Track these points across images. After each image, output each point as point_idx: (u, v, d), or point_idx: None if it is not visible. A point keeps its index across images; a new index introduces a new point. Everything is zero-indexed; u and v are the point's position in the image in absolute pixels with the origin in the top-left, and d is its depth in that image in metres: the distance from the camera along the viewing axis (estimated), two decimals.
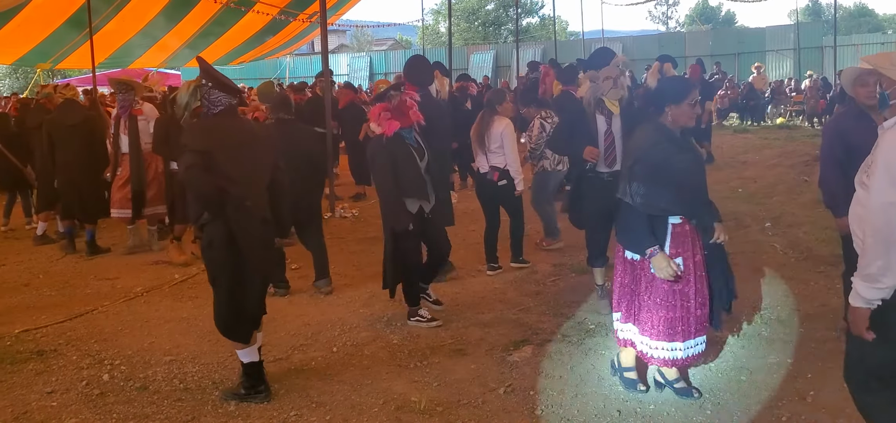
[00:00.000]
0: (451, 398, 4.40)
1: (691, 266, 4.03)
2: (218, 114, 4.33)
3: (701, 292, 4.06)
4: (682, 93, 4.04)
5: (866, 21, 51.28)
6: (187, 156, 4.17)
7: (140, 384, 4.75)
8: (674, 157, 3.93)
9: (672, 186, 3.92)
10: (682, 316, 4.03)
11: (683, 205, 3.99)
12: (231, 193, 4.19)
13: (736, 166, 13.51)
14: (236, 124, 4.44)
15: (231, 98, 4.37)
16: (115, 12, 17.75)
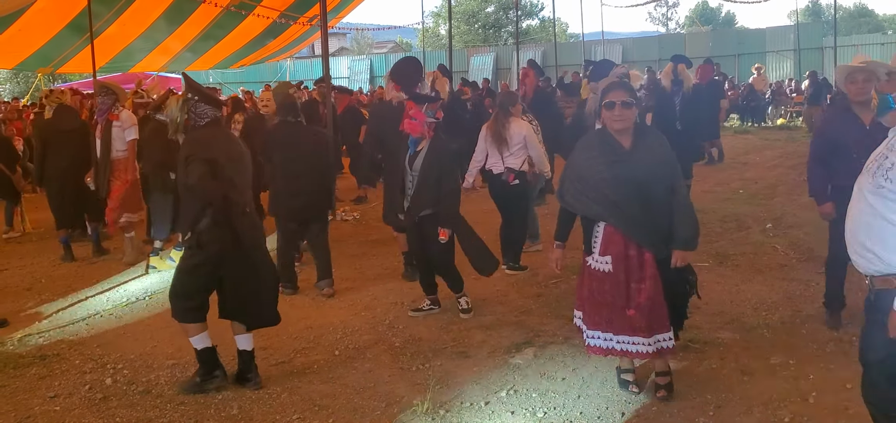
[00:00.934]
0: (454, 400, 4.40)
1: (622, 268, 4.03)
2: (206, 126, 4.51)
3: (637, 296, 4.03)
4: (601, 98, 4.14)
5: (866, 21, 51.28)
6: (196, 165, 4.30)
7: (143, 387, 4.76)
8: (594, 167, 4.03)
9: (588, 193, 4.04)
10: (608, 311, 4.09)
11: (600, 213, 4.05)
12: (235, 199, 4.39)
13: (737, 167, 13.51)
14: (226, 133, 4.67)
15: (216, 110, 4.57)
16: (116, 16, 17.75)
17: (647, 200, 3.98)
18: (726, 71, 24.47)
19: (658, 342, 4.09)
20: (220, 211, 4.35)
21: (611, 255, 4.03)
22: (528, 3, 47.78)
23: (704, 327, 5.36)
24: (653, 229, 4.01)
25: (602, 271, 4.08)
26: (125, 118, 7.96)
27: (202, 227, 4.37)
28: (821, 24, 34.80)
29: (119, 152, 7.92)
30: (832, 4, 26.38)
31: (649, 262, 4.02)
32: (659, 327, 4.08)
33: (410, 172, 5.72)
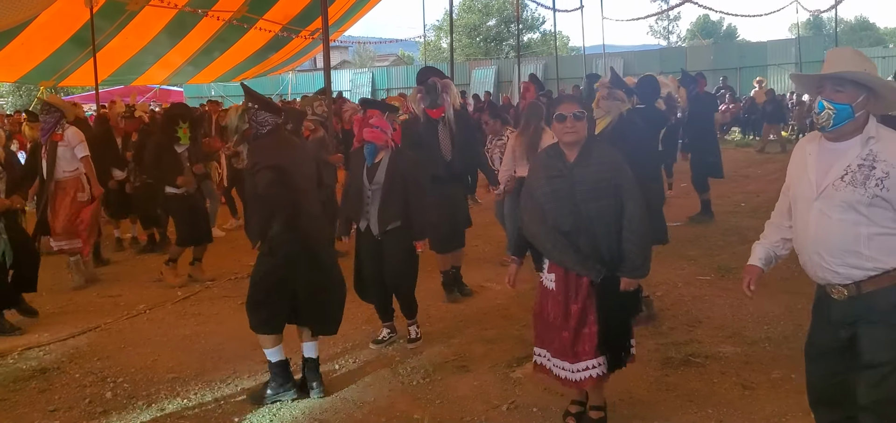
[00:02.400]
0: (454, 415, 4.39)
1: (563, 288, 3.85)
2: (267, 134, 4.53)
3: (573, 319, 3.83)
4: (552, 111, 4.00)
5: (867, 35, 51.38)
6: (264, 173, 4.33)
7: (143, 401, 4.75)
8: (538, 181, 3.90)
9: (531, 210, 3.92)
10: (546, 331, 3.98)
11: (546, 237, 3.84)
12: (303, 205, 4.45)
13: (738, 180, 13.51)
14: (289, 141, 4.68)
15: (277, 118, 4.57)
16: (119, 30, 17.82)
17: (585, 218, 3.75)
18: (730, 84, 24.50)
19: (586, 371, 3.84)
20: (289, 217, 4.40)
21: (555, 273, 3.89)
22: (530, 16, 47.88)
23: (706, 341, 5.35)
24: (589, 249, 3.76)
25: (547, 289, 3.95)
26: (71, 137, 7.66)
27: (273, 233, 4.41)
28: (822, 38, 34.82)
29: (66, 173, 7.63)
30: (833, 18, 26.44)
31: (585, 284, 3.82)
32: (586, 355, 3.84)
33: (369, 187, 5.35)
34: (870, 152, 2.86)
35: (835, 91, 2.89)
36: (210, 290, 7.42)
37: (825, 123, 2.91)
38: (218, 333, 6.06)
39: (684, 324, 5.76)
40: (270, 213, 4.37)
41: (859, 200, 2.85)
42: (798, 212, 3.08)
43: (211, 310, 6.75)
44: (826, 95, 2.91)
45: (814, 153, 3.02)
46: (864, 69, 2.89)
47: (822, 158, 2.98)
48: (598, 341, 3.83)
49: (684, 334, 5.52)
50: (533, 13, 47.99)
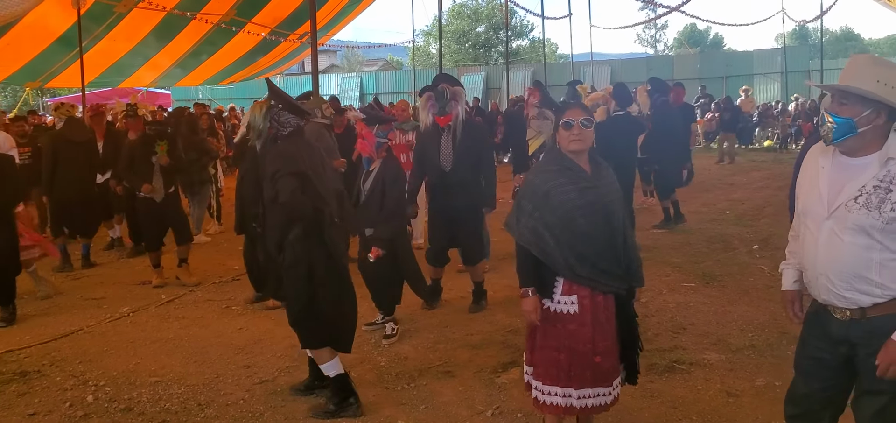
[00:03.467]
0: (439, 420, 4.38)
1: (589, 306, 3.49)
2: (289, 136, 4.35)
3: (603, 340, 3.53)
4: (557, 119, 3.68)
5: (852, 45, 51.82)
6: (286, 180, 4.14)
7: (124, 405, 4.71)
8: (560, 188, 3.50)
9: (555, 223, 3.48)
10: (573, 361, 3.51)
11: (567, 254, 3.46)
12: (324, 211, 4.28)
13: (724, 188, 13.58)
14: (309, 145, 4.50)
15: (300, 119, 4.40)
16: (106, 32, 17.71)
17: (613, 229, 3.56)
18: (714, 93, 24.64)
19: (617, 387, 3.65)
20: (311, 224, 4.23)
21: (577, 294, 3.49)
22: (519, 23, 47.99)
23: (690, 348, 5.36)
24: (615, 264, 3.57)
25: (566, 313, 3.52)
26: (1, 141, 7.46)
27: (293, 240, 4.23)
28: (808, 48, 35.10)
29: None
30: (819, 28, 26.64)
31: (612, 300, 3.59)
32: (617, 371, 3.65)
33: (363, 192, 5.71)
34: (887, 174, 2.70)
35: (839, 104, 2.75)
36: (194, 293, 7.37)
37: (825, 136, 2.79)
38: (201, 336, 6.02)
39: (669, 331, 5.77)
40: (290, 221, 4.21)
41: (873, 224, 2.68)
42: (807, 228, 2.91)
43: (194, 313, 6.71)
44: (830, 107, 2.78)
45: (827, 167, 2.84)
46: (878, 80, 2.69)
47: (835, 173, 2.81)
48: (619, 357, 3.66)
49: (669, 341, 5.53)
50: (522, 20, 48.12)
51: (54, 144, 8.47)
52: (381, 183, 5.57)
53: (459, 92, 6.35)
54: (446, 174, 6.31)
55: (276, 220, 4.29)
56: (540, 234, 3.48)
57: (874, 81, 2.69)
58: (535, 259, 3.51)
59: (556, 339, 3.53)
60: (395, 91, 31.83)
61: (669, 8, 20.39)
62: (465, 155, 6.31)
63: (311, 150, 4.50)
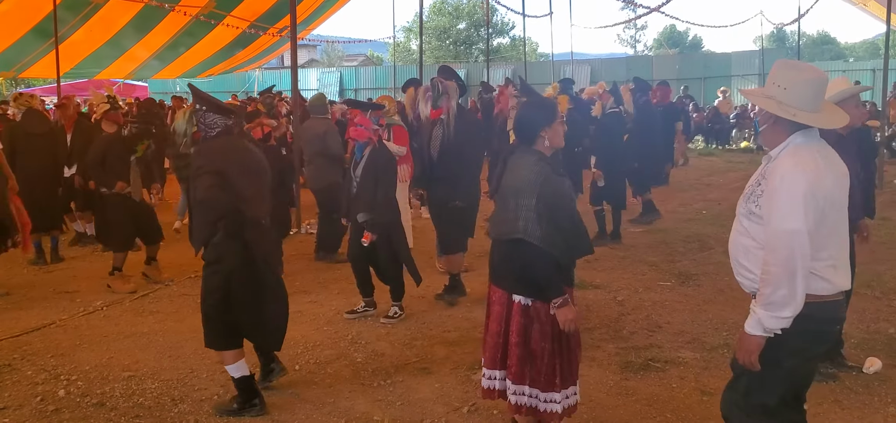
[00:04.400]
0: (415, 417, 4.37)
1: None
2: (216, 136, 4.37)
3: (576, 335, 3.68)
4: (553, 113, 3.71)
5: (828, 49, 52.46)
6: (205, 177, 4.20)
7: (97, 400, 4.65)
8: (564, 186, 3.59)
9: (566, 222, 3.54)
10: (570, 361, 3.64)
11: (572, 246, 3.57)
12: (246, 211, 4.27)
13: (700, 188, 13.68)
14: (239, 145, 4.48)
15: (226, 119, 4.40)
16: (83, 22, 17.50)
17: None
18: (692, 94, 24.83)
19: None
20: (231, 224, 4.22)
21: (568, 293, 3.61)
22: (500, 21, 48.10)
23: (666, 347, 5.40)
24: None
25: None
26: None
27: (216, 240, 4.24)
28: (785, 51, 35.47)
29: None
30: (796, 31, 26.93)
31: None
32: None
33: (354, 179, 5.91)
34: (764, 170, 2.93)
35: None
36: (169, 288, 7.30)
37: None
38: (176, 331, 5.96)
39: (644, 329, 5.81)
40: (213, 219, 4.23)
41: (743, 212, 2.99)
42: None
43: (169, 308, 6.65)
44: None
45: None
46: (775, 83, 2.87)
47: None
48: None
49: (644, 340, 5.57)
50: (503, 18, 48.27)
51: (11, 135, 8.27)
52: (373, 170, 5.81)
53: (451, 87, 6.48)
54: (433, 166, 6.55)
55: (200, 219, 4.35)
56: (553, 234, 3.47)
57: (773, 85, 2.89)
58: (555, 265, 3.50)
59: (561, 342, 3.59)
60: (375, 87, 31.78)
61: (650, 8, 20.49)
62: (452, 149, 6.44)
63: (239, 150, 4.43)
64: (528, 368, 3.58)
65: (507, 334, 3.64)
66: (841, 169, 2.92)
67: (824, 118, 2.88)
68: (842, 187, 2.91)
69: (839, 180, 2.89)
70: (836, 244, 2.89)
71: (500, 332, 3.67)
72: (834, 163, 2.90)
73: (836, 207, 2.87)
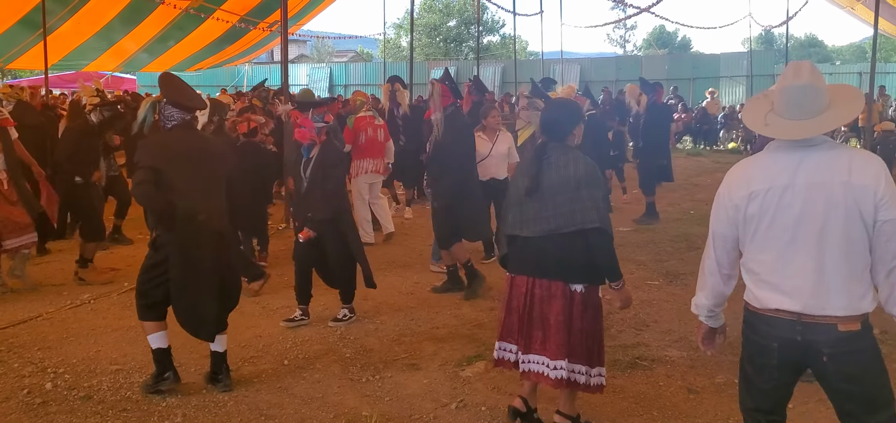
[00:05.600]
0: (403, 412, 4.38)
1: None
2: (172, 129, 4.46)
3: None
4: (580, 113, 4.14)
5: (816, 51, 52.79)
6: (138, 172, 4.31)
7: (84, 393, 4.64)
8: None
9: (608, 209, 3.92)
10: (602, 342, 3.98)
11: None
12: (181, 207, 4.32)
13: (688, 188, 13.75)
14: (190, 138, 4.51)
15: (184, 114, 4.46)
16: (71, 14, 17.38)
17: None
18: (681, 94, 24.93)
19: None
20: (163, 218, 4.37)
21: None
22: (490, 19, 48.07)
23: (653, 345, 5.43)
24: None
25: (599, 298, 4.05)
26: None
27: (158, 230, 4.44)
28: (773, 53, 35.72)
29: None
30: (784, 34, 27.08)
31: None
32: None
33: (304, 179, 5.85)
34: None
35: None
36: None
37: None
38: None
39: (632, 327, 5.84)
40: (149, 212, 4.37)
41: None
42: None
43: None
44: None
45: None
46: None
47: None
48: None
49: (632, 338, 5.60)
50: (493, 16, 48.23)
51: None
52: (321, 168, 5.74)
53: (436, 91, 6.67)
54: (428, 165, 6.87)
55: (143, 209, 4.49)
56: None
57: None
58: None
59: (597, 321, 3.92)
60: (365, 83, 31.72)
61: (640, 8, 20.56)
62: (440, 149, 6.65)
63: (184, 144, 4.43)
64: (573, 346, 3.79)
65: (540, 317, 3.82)
66: (804, 179, 2.70)
67: (771, 129, 2.80)
68: (795, 199, 2.71)
69: (791, 190, 2.72)
70: (771, 259, 2.77)
71: (523, 315, 3.86)
72: (783, 172, 2.74)
73: (773, 219, 2.75)
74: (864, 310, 2.71)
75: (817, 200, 2.68)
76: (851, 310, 2.69)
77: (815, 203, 2.69)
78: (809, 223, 2.70)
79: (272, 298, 6.67)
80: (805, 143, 2.74)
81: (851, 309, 2.69)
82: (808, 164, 2.72)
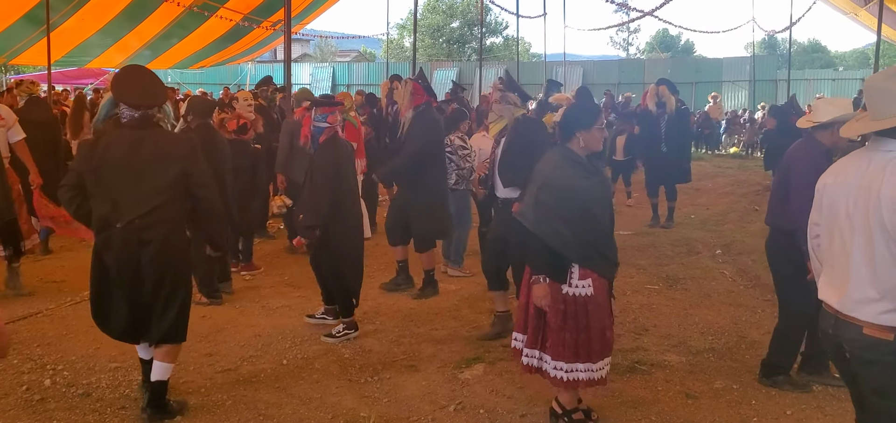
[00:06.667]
0: (401, 414, 4.39)
1: (600, 286, 3.93)
2: (122, 127, 4.13)
3: (608, 315, 4.00)
4: (593, 118, 4.00)
5: (819, 57, 52.81)
6: (66, 175, 4.20)
7: (83, 390, 4.64)
8: (579, 181, 3.86)
9: (574, 216, 3.82)
10: (592, 337, 3.91)
11: (581, 244, 3.84)
12: (98, 213, 4.07)
13: (689, 193, 13.73)
14: (131, 139, 4.08)
15: (133, 111, 4.09)
16: (75, 10, 17.36)
17: (612, 219, 4.10)
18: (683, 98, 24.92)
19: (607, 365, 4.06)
20: (85, 222, 4.20)
21: (591, 277, 3.89)
22: (493, 20, 48.09)
23: (652, 349, 5.43)
24: (614, 251, 4.04)
25: (584, 296, 3.89)
26: (6, 115, 7.14)
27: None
28: (776, 58, 35.69)
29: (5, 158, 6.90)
30: (787, 39, 27.08)
31: (606, 282, 4.04)
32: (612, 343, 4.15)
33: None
34: None
35: None
36: None
37: None
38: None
39: (631, 332, 5.84)
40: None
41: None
42: None
43: None
44: None
45: None
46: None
47: None
48: None
49: (631, 342, 5.60)
50: (496, 18, 48.23)
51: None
52: (310, 171, 5.53)
53: (407, 89, 6.67)
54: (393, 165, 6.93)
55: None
56: (557, 227, 3.83)
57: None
58: (549, 249, 3.86)
59: (578, 320, 3.89)
60: (368, 83, 31.72)
61: (643, 12, 20.57)
62: (413, 147, 6.61)
63: (131, 147, 4.07)
64: (540, 336, 4.01)
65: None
66: (856, 181, 2.79)
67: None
68: (846, 198, 2.81)
69: (846, 190, 2.82)
70: (829, 253, 2.94)
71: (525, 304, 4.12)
72: (849, 172, 2.85)
73: (836, 214, 2.86)
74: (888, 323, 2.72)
75: (860, 203, 2.76)
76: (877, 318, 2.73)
77: (858, 206, 2.76)
78: (844, 218, 2.82)
79: (272, 297, 6.68)
80: (874, 146, 2.82)
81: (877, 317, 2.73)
82: (866, 167, 2.78)
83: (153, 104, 4.19)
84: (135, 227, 4.01)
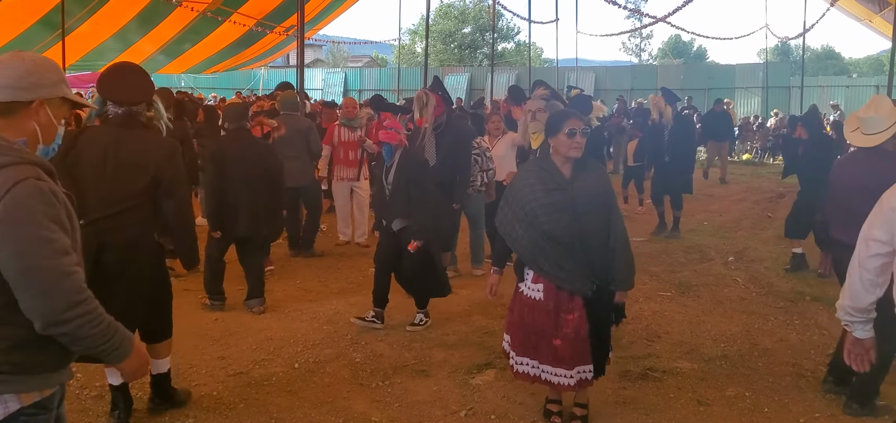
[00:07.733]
0: (412, 419, 4.39)
1: (553, 296, 3.97)
2: (108, 123, 4.09)
3: (564, 328, 3.97)
4: (556, 124, 3.96)
5: (832, 64, 52.48)
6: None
7: (96, 393, 4.66)
8: (531, 191, 3.95)
9: (521, 220, 3.98)
10: (536, 339, 4.04)
11: (532, 248, 3.95)
12: (80, 209, 3.99)
13: (702, 199, 13.68)
14: (115, 138, 4.01)
15: (116, 107, 4.06)
16: (89, 15, 17.53)
17: (582, 231, 3.90)
18: (696, 104, 24.83)
19: (579, 374, 4.02)
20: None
21: (543, 284, 3.99)
22: (505, 26, 48.12)
23: (664, 356, 5.41)
24: (584, 263, 3.92)
25: (533, 299, 4.03)
26: None
27: None
28: (789, 64, 35.51)
29: None
30: (801, 45, 26.96)
31: (578, 297, 3.98)
32: (581, 360, 4.01)
33: (387, 185, 5.82)
34: None
35: None
36: (173, 282, 7.28)
37: None
38: (177, 326, 5.77)
39: (643, 338, 5.82)
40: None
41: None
42: None
43: (177, 303, 6.63)
44: None
45: None
46: None
47: None
48: (587, 349, 4.01)
49: (643, 349, 5.58)
50: (508, 23, 48.28)
51: None
52: (404, 174, 5.73)
53: (430, 101, 6.82)
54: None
55: None
56: (512, 226, 4.02)
57: None
58: (505, 245, 4.15)
59: (524, 317, 4.08)
60: (379, 88, 31.80)
61: (656, 18, 20.52)
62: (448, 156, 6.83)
63: (105, 147, 4.00)
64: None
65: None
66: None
67: None
68: None
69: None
70: None
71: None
72: None
73: None
74: None
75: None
76: None
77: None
78: None
79: (283, 301, 6.69)
80: None
81: None
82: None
83: (138, 100, 4.11)
84: (98, 227, 3.90)
